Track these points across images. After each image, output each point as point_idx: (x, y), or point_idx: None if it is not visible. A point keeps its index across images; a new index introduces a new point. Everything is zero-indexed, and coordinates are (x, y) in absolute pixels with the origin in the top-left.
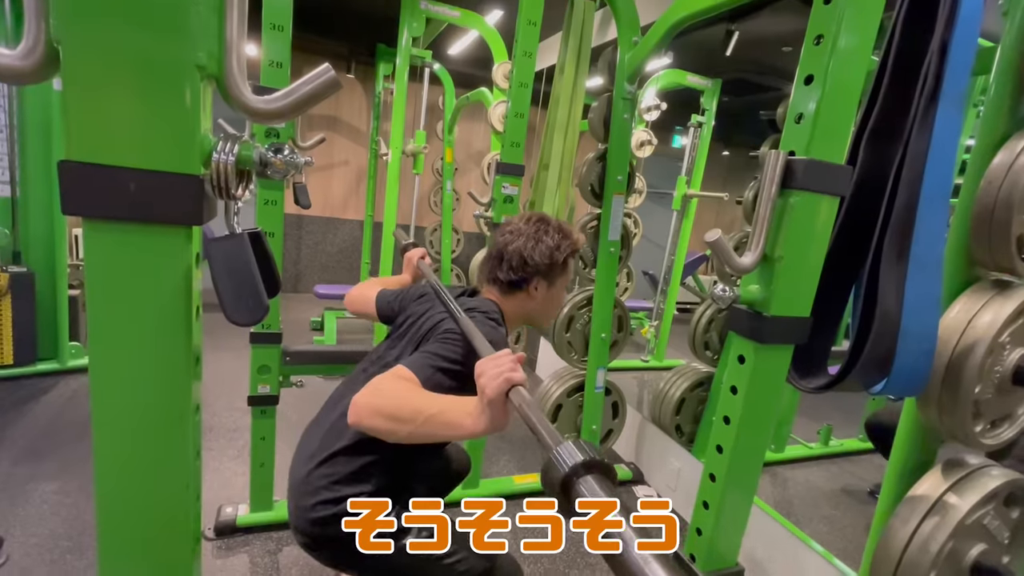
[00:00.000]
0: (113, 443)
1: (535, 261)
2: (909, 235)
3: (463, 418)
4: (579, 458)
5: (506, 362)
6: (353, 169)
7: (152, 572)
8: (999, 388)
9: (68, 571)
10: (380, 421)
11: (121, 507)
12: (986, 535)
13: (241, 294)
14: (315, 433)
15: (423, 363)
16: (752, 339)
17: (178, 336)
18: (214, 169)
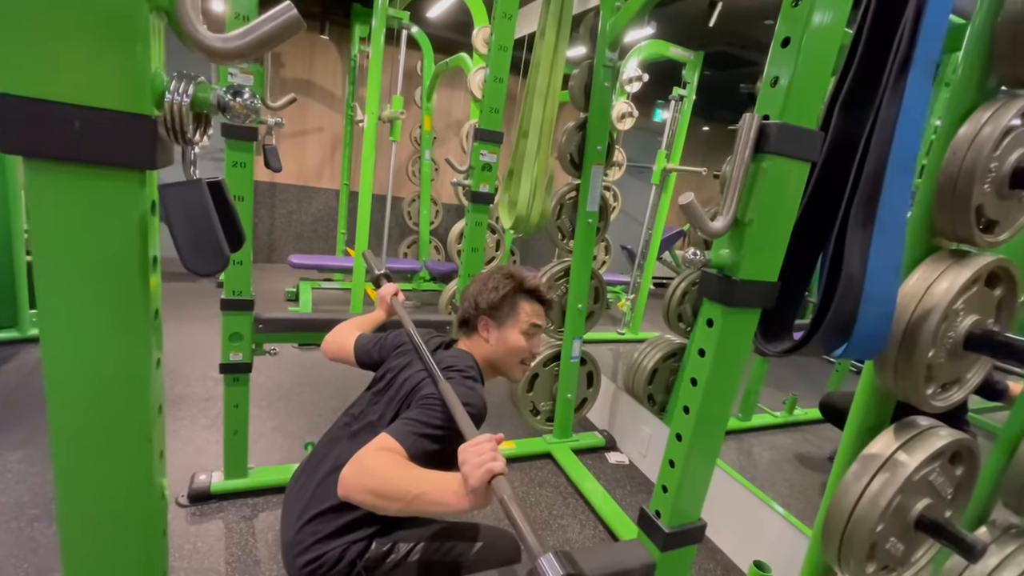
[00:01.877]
0: (68, 400)
1: (477, 303)
2: (876, 202)
3: (448, 496)
4: (559, 573)
5: (487, 451)
6: (328, 136)
7: (117, 532)
8: (951, 353)
9: (36, 538)
10: (370, 498)
11: (80, 466)
12: (931, 490)
13: (199, 243)
14: (302, 492)
15: (406, 431)
16: (721, 303)
17: (134, 286)
18: (167, 110)
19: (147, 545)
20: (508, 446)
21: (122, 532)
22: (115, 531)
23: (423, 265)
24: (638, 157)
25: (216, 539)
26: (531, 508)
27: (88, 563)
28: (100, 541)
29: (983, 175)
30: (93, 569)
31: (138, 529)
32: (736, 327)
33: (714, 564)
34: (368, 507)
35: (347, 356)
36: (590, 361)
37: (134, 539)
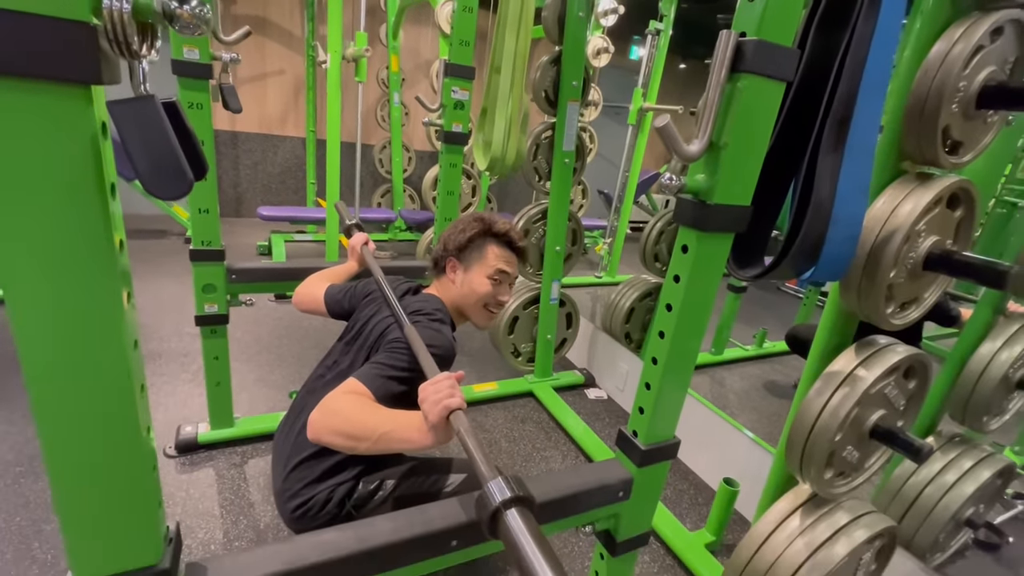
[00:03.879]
0: (38, 340)
1: (445, 244)
2: (847, 124)
3: (413, 434)
4: (507, 494)
5: (444, 388)
6: (289, 79)
7: (107, 470)
8: (911, 273)
9: (25, 494)
10: (338, 439)
11: (60, 406)
12: (886, 402)
13: (158, 164)
14: (285, 441)
15: (373, 374)
16: (695, 228)
17: (92, 214)
18: (107, 18)
19: (139, 480)
20: (491, 387)
21: (111, 470)
22: (104, 469)
23: (398, 214)
24: (614, 97)
25: (208, 486)
26: (515, 443)
27: (82, 505)
28: (91, 482)
29: (952, 95)
30: (88, 510)
31: (127, 466)
32: (710, 252)
33: (687, 484)
34: (338, 448)
35: (318, 307)
36: (569, 303)
37: (124, 475)
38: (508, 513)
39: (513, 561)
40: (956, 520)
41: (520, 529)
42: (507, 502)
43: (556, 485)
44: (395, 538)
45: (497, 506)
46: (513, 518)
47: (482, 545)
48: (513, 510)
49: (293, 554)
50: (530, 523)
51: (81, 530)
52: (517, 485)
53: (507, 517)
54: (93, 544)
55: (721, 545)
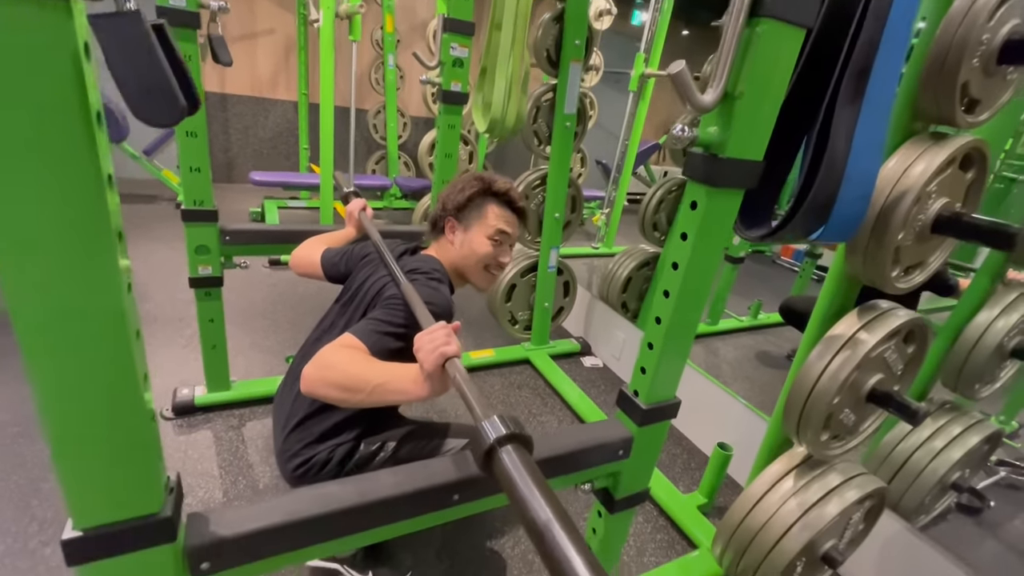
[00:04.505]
0: (26, 289)
1: (444, 204)
2: (867, 75)
3: (408, 385)
4: (501, 432)
5: (440, 336)
6: (280, 39)
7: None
8: (918, 236)
9: (22, 454)
10: (332, 392)
11: (54, 360)
12: (884, 366)
13: (146, 86)
14: (283, 404)
15: (368, 330)
16: (706, 183)
17: (77, 141)
18: None
19: (138, 428)
20: (487, 354)
21: (109, 418)
22: (101, 417)
23: (393, 182)
24: (615, 63)
25: (206, 447)
26: (511, 408)
27: (80, 454)
28: (88, 431)
29: (974, 48)
30: (86, 459)
31: (125, 414)
32: (719, 208)
33: (680, 449)
34: (332, 401)
35: (315, 270)
36: (567, 271)
37: (123, 423)
38: (503, 450)
39: (509, 499)
40: (943, 484)
41: (515, 465)
42: (501, 439)
43: (558, 442)
44: (397, 492)
45: (491, 444)
46: (508, 455)
47: (483, 500)
48: (508, 447)
49: (294, 506)
50: (525, 460)
51: (79, 479)
52: (513, 424)
53: (501, 454)
54: (92, 493)
55: (713, 507)
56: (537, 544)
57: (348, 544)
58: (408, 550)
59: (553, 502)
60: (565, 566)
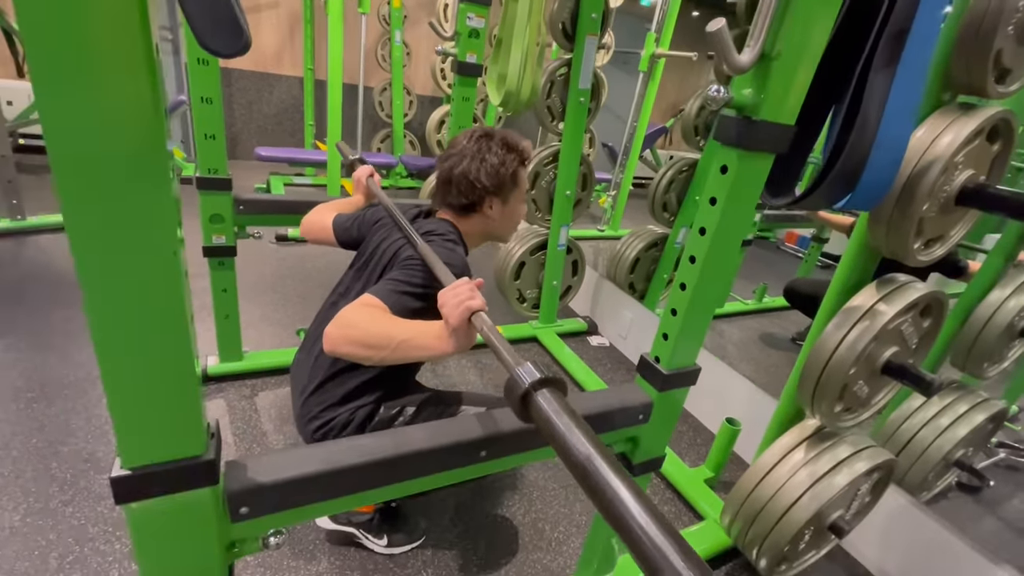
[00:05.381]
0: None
1: (483, 183)
2: (904, 37)
3: (432, 341)
4: (536, 376)
5: (464, 291)
6: (284, 13)
7: (158, 363)
8: (943, 208)
9: (38, 417)
10: (355, 349)
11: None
12: (900, 339)
13: (214, 15)
14: (302, 370)
15: (388, 290)
16: (738, 146)
17: (141, 74)
18: None
19: (185, 372)
20: None
21: (161, 361)
22: (155, 360)
23: (399, 160)
24: (625, 43)
25: (220, 416)
26: None
27: (134, 396)
28: (142, 374)
29: (1009, 15)
30: (139, 401)
31: (176, 357)
32: (750, 172)
33: (686, 426)
34: (355, 358)
35: (327, 235)
36: (576, 250)
37: (173, 366)
38: (539, 394)
39: (548, 439)
40: (947, 461)
41: (551, 407)
42: (536, 384)
43: (581, 405)
44: (429, 445)
45: (527, 388)
46: (544, 398)
47: (509, 458)
48: (544, 391)
49: (331, 456)
50: (561, 401)
51: (131, 418)
52: (546, 369)
53: (537, 398)
54: (142, 433)
55: (719, 481)
56: (581, 479)
57: (379, 496)
58: (423, 515)
59: (592, 437)
60: (610, 494)
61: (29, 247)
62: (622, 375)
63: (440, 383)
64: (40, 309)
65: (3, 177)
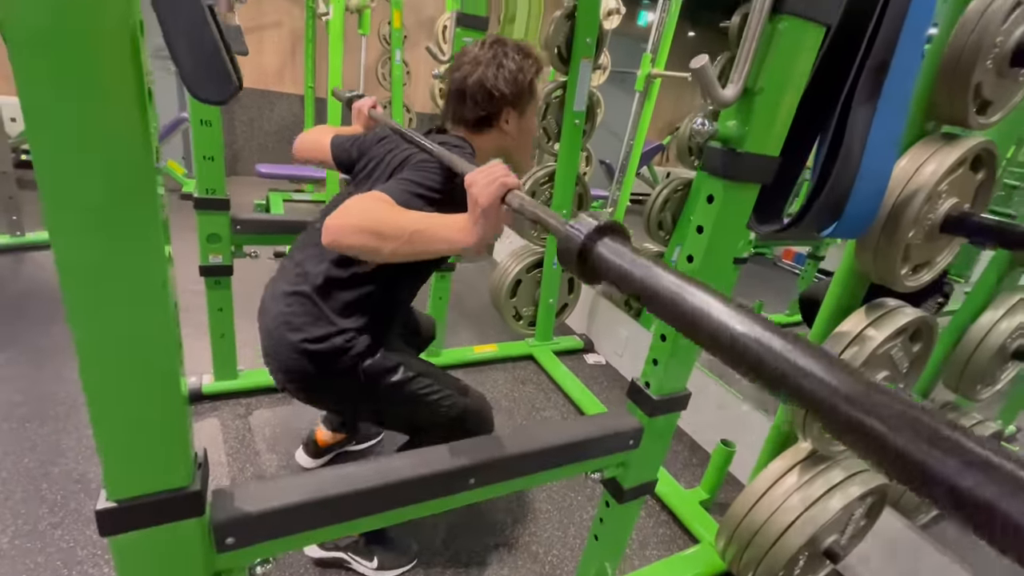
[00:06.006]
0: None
1: (500, 90)
2: (885, 71)
3: (453, 233)
4: (591, 225)
5: (499, 170)
6: (287, 33)
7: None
8: (928, 235)
9: (31, 437)
10: (361, 238)
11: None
12: (890, 364)
13: (204, 63)
14: (277, 291)
15: (399, 189)
16: (723, 176)
17: (132, 115)
18: None
19: (173, 402)
20: (491, 348)
21: (149, 392)
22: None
23: None
24: (621, 63)
25: (213, 435)
26: (515, 403)
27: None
28: (130, 404)
29: (988, 50)
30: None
31: (164, 387)
32: (736, 202)
33: (681, 446)
34: (358, 251)
35: (322, 153)
36: None
37: (161, 397)
38: (600, 244)
39: (627, 289)
40: None
41: (619, 253)
42: (593, 234)
43: (570, 431)
44: (415, 473)
45: (583, 241)
46: (608, 248)
47: (498, 485)
48: (605, 240)
49: (316, 485)
50: (628, 245)
51: (117, 450)
52: (600, 217)
53: (600, 249)
54: (128, 464)
55: (714, 503)
56: (671, 313)
57: (367, 525)
58: (414, 537)
59: (671, 269)
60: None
61: (27, 263)
62: (618, 394)
63: None
64: (37, 325)
65: (4, 194)
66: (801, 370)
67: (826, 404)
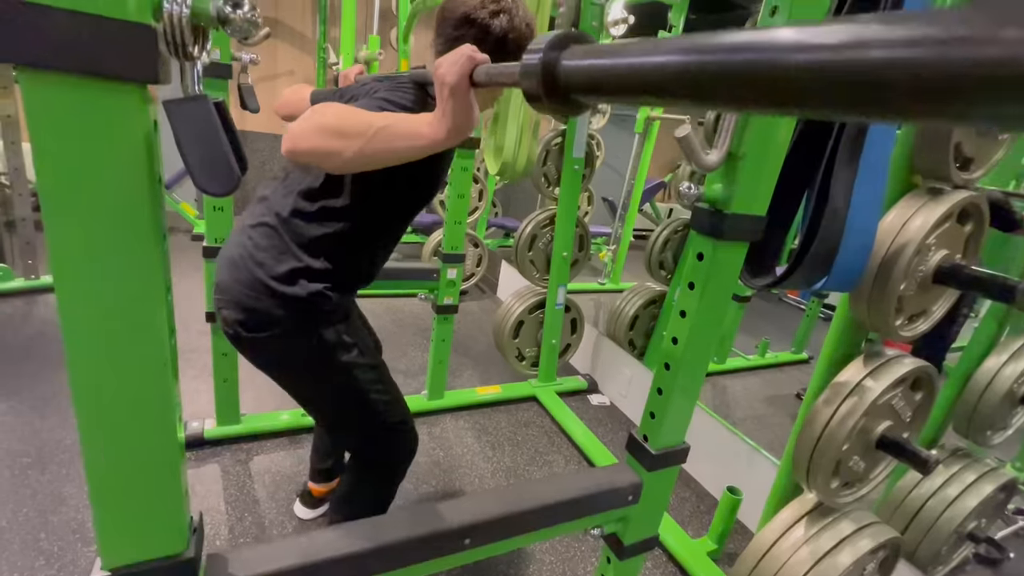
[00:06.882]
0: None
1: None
2: (862, 139)
3: (421, 126)
4: (547, 39)
5: (466, 48)
6: (299, 79)
7: (143, 460)
8: (920, 286)
9: (32, 485)
10: (321, 138)
11: (100, 392)
12: (893, 414)
13: (210, 161)
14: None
15: (370, 104)
16: (712, 236)
17: (144, 205)
18: (167, 21)
19: (170, 469)
20: (494, 390)
21: (146, 458)
22: (139, 457)
23: None
24: (621, 107)
25: (214, 481)
26: (518, 447)
27: (116, 495)
28: (127, 471)
29: None
30: (121, 500)
31: (161, 454)
32: (725, 260)
33: (689, 492)
34: (320, 154)
35: (304, 107)
36: (574, 308)
37: (157, 464)
38: (564, 53)
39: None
40: (958, 533)
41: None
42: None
43: (567, 486)
44: (409, 535)
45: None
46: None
47: (495, 544)
48: (569, 47)
49: (309, 548)
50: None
51: (113, 520)
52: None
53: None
54: (124, 534)
55: (723, 554)
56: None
57: None
58: None
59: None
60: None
61: (40, 305)
62: (622, 437)
63: (436, 445)
64: (46, 369)
65: (22, 239)
66: None
67: None
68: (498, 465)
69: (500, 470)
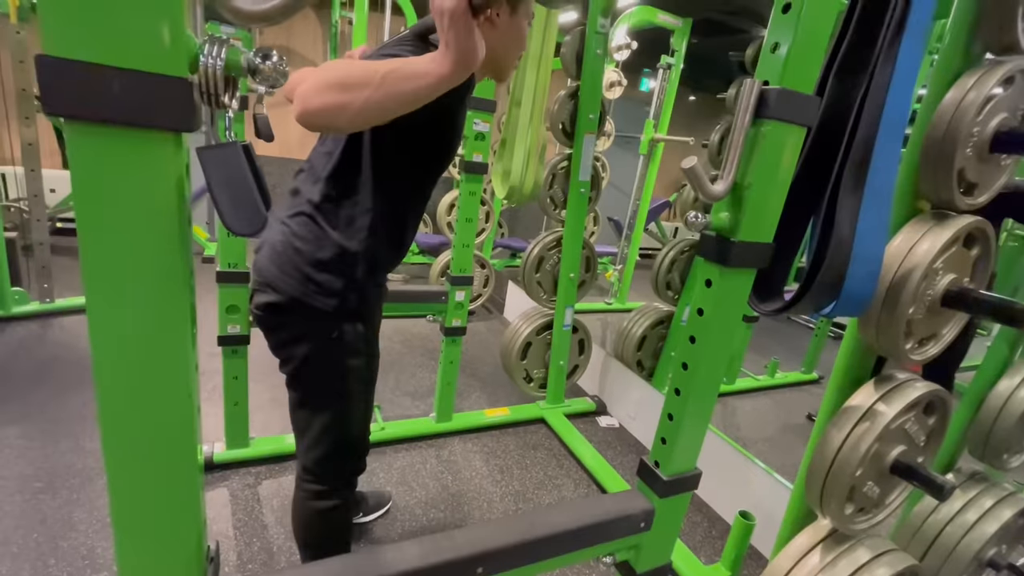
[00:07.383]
0: (113, 359)
1: None
2: (866, 167)
3: (425, 65)
4: None
5: None
6: None
7: (165, 489)
8: (929, 309)
9: (42, 510)
10: (330, 95)
11: (126, 426)
12: (906, 438)
13: (239, 203)
14: (278, 209)
15: (371, 60)
16: (719, 263)
17: (174, 246)
18: (202, 73)
19: (190, 498)
20: (502, 412)
21: (168, 487)
22: (161, 485)
23: None
24: (625, 127)
25: (222, 506)
26: (526, 470)
27: (138, 524)
28: (149, 499)
29: (966, 139)
30: (143, 529)
31: (182, 484)
32: (733, 287)
33: (701, 517)
34: (331, 112)
35: None
36: (581, 329)
37: (179, 493)
38: None
39: None
40: (979, 560)
41: None
42: None
43: (579, 514)
44: (420, 564)
45: None
46: None
47: (507, 573)
48: None
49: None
50: None
51: (135, 547)
52: None
53: None
54: (144, 560)
55: None
56: None
57: None
58: None
59: None
60: None
61: (54, 329)
62: (632, 459)
63: (444, 469)
64: (59, 393)
65: (38, 263)
66: None
67: None
68: (507, 489)
69: (509, 494)
